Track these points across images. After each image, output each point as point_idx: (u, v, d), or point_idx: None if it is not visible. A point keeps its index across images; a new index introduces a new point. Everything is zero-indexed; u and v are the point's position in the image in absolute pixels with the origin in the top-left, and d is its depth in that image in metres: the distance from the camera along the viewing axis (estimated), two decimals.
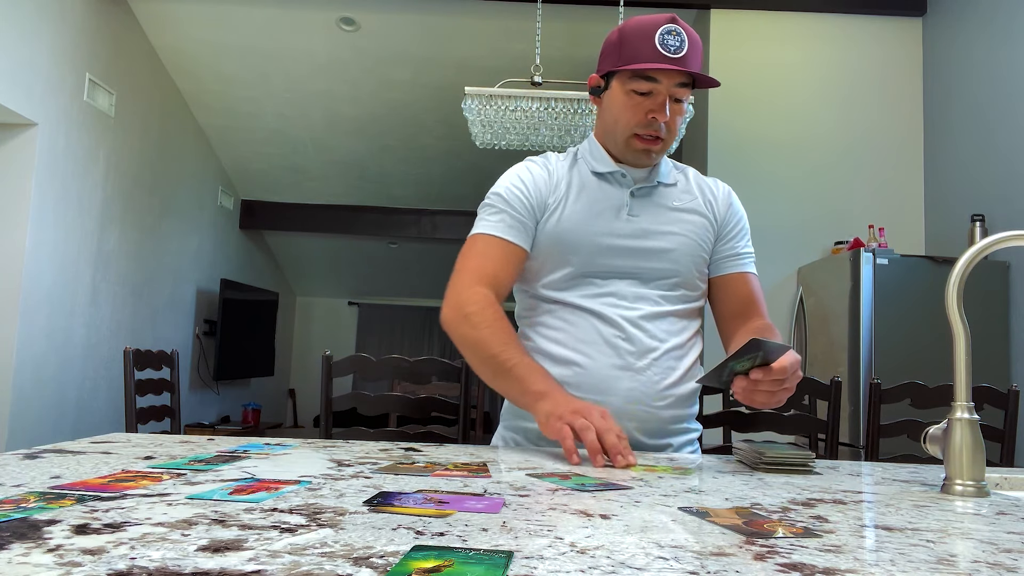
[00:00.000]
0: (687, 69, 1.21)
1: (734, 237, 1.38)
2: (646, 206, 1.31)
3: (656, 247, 1.29)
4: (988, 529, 0.69)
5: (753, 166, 3.93)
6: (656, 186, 1.33)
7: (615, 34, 1.28)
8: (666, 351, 1.27)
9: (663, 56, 1.20)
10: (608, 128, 1.32)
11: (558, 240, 1.29)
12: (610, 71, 1.28)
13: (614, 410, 1.20)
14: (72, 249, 4.01)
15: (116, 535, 0.56)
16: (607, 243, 1.28)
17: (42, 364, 3.80)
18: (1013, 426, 2.07)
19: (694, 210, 1.34)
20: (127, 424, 2.27)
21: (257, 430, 5.77)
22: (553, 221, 1.30)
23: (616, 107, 1.28)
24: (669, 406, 1.26)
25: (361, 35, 4.57)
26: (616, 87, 1.28)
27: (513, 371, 1.17)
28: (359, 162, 5.99)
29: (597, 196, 1.31)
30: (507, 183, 1.33)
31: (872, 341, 3.15)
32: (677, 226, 1.31)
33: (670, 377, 1.26)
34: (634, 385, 1.23)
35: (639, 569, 0.52)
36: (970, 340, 0.95)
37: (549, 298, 1.30)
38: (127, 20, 4.44)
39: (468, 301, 1.23)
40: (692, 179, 1.39)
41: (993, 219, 3.31)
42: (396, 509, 0.68)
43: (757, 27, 4.04)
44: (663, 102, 1.24)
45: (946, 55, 3.79)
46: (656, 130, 1.26)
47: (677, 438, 1.31)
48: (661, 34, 1.21)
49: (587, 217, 1.29)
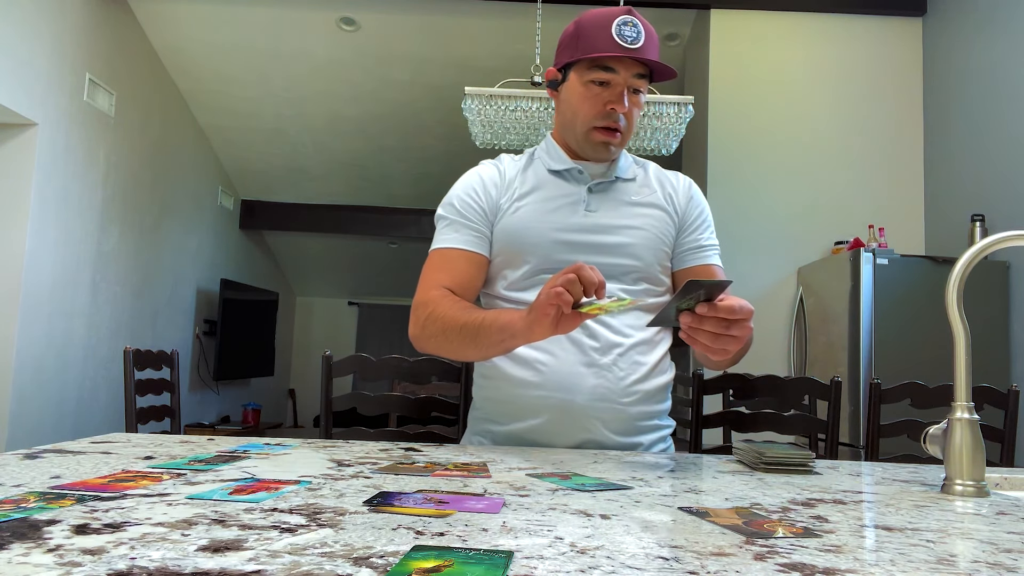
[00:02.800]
0: (644, 57, 1.21)
1: (696, 229, 1.36)
2: (604, 201, 1.30)
3: (615, 242, 1.27)
4: (988, 529, 0.69)
5: (753, 166, 3.93)
6: (614, 181, 1.33)
7: (571, 27, 1.28)
8: (632, 346, 1.25)
9: (620, 46, 1.21)
10: (567, 122, 1.31)
11: (514, 238, 1.27)
12: (568, 63, 1.28)
13: (580, 408, 1.20)
14: (72, 249, 4.01)
15: (116, 535, 0.56)
16: (564, 238, 1.26)
17: (42, 364, 3.80)
18: (1013, 426, 2.07)
19: (654, 204, 1.33)
20: (127, 424, 2.27)
21: (257, 430, 5.77)
22: (508, 220, 1.28)
23: (575, 99, 1.27)
24: (637, 402, 1.24)
25: (361, 35, 4.57)
26: (574, 79, 1.27)
27: (484, 322, 1.14)
28: (359, 162, 5.99)
29: (553, 193, 1.30)
30: (458, 192, 1.32)
31: (872, 341, 3.15)
32: (636, 220, 1.30)
33: (637, 373, 1.24)
34: (599, 382, 1.21)
35: (639, 569, 0.52)
36: (970, 340, 0.95)
37: (511, 299, 1.28)
38: (127, 20, 4.44)
39: (423, 307, 1.23)
40: (652, 173, 1.38)
41: (993, 219, 3.31)
42: (396, 509, 0.68)
43: (757, 27, 4.04)
44: (621, 93, 1.24)
45: (946, 55, 3.79)
46: (615, 121, 1.26)
47: (648, 435, 1.28)
48: (618, 25, 1.21)
49: (543, 213, 1.28)
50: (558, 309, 1.00)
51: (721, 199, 3.89)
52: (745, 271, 3.88)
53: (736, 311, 0.94)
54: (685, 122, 3.04)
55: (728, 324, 0.95)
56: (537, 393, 1.21)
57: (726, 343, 0.97)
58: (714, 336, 0.96)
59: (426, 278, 1.27)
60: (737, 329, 0.96)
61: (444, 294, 1.23)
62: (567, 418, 1.21)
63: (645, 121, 3.01)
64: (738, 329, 0.96)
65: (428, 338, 1.22)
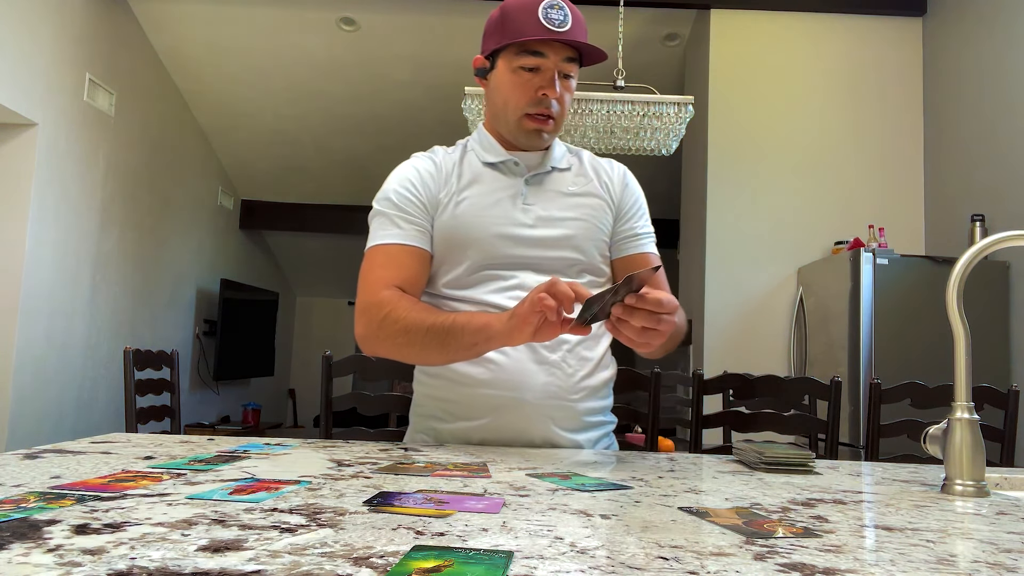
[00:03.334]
0: (573, 40, 1.20)
1: (632, 217, 1.34)
2: (541, 193, 1.29)
3: (556, 235, 1.25)
4: (988, 529, 0.69)
5: (753, 166, 3.93)
6: (550, 171, 1.31)
7: (497, 12, 1.25)
8: (579, 341, 1.24)
9: (548, 30, 1.19)
10: (498, 111, 1.28)
11: (454, 234, 1.24)
12: (495, 50, 1.25)
13: (530, 406, 1.19)
14: (72, 249, 4.01)
15: (116, 535, 0.56)
16: (505, 233, 1.24)
17: (42, 364, 3.80)
18: (1013, 426, 2.07)
19: (590, 193, 1.31)
20: (127, 424, 2.27)
21: (257, 430, 5.77)
22: (447, 216, 1.25)
23: (505, 87, 1.25)
24: (584, 398, 1.24)
25: (361, 35, 4.57)
26: (502, 66, 1.25)
27: (454, 324, 1.12)
28: (359, 162, 5.99)
29: (491, 187, 1.27)
30: (394, 185, 1.27)
31: (872, 341, 3.15)
32: (575, 211, 1.28)
33: (584, 368, 1.24)
34: (550, 379, 1.20)
35: (639, 569, 0.52)
36: (970, 340, 0.95)
37: (455, 297, 1.25)
38: (127, 20, 4.44)
39: (378, 307, 1.17)
40: (587, 162, 1.36)
41: (993, 219, 3.31)
42: (396, 509, 0.68)
43: (757, 27, 4.04)
44: (551, 77, 1.22)
45: (946, 55, 3.79)
46: (547, 107, 1.24)
47: (594, 432, 1.28)
48: (544, 8, 1.19)
49: (482, 208, 1.25)
50: (542, 316, 1.00)
51: (721, 199, 3.89)
52: (745, 271, 3.88)
53: (663, 304, 0.94)
54: (685, 122, 3.04)
55: (657, 318, 0.95)
56: (487, 391, 1.20)
57: (651, 336, 0.96)
58: (640, 329, 0.95)
59: (371, 277, 1.22)
60: (663, 325, 0.95)
61: (399, 295, 1.19)
62: (517, 416, 1.20)
63: (645, 121, 3.01)
64: (664, 324, 0.96)
65: (384, 339, 1.17)
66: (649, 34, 4.52)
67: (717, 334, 3.86)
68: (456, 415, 1.24)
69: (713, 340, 3.86)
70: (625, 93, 3.00)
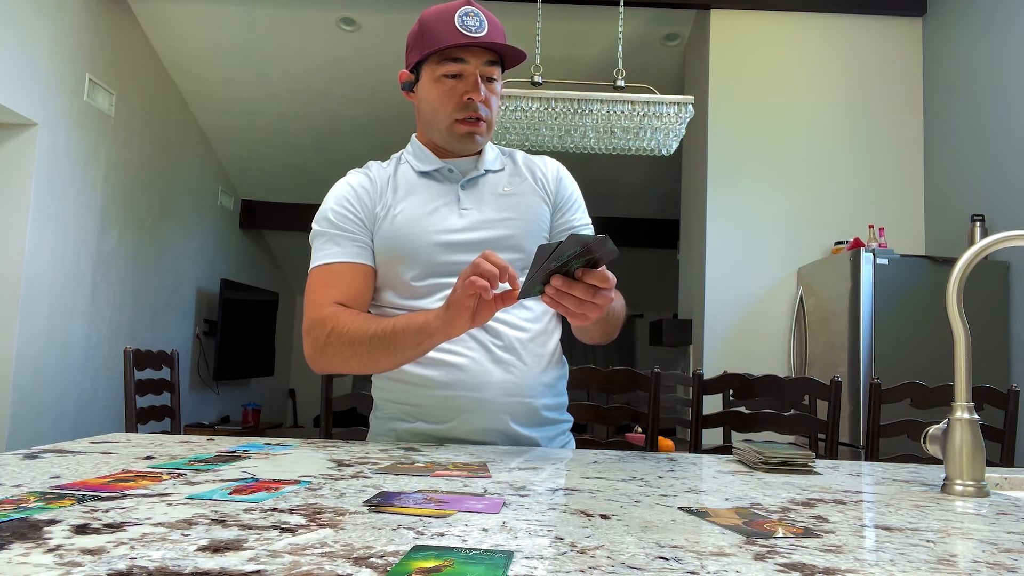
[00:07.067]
0: (489, 41, 1.22)
1: (568, 210, 1.36)
2: (477, 197, 1.30)
3: (496, 236, 1.26)
4: (988, 529, 0.69)
5: (753, 166, 3.93)
6: (484, 174, 1.32)
7: (416, 26, 1.28)
8: (531, 339, 1.26)
9: (465, 36, 1.21)
10: (428, 121, 1.31)
11: (394, 246, 1.25)
12: (418, 63, 1.28)
13: (490, 405, 1.21)
14: (72, 249, 4.01)
15: (116, 535, 0.56)
16: (443, 240, 1.25)
17: (42, 364, 3.80)
18: (1013, 426, 2.07)
19: (527, 191, 1.33)
20: (127, 424, 2.27)
21: (257, 430, 5.77)
22: (385, 228, 1.26)
23: (431, 97, 1.28)
24: (541, 394, 1.26)
25: (361, 35, 4.57)
26: (427, 77, 1.27)
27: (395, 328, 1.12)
28: (359, 162, 5.93)
29: (426, 196, 1.29)
30: (331, 205, 1.29)
31: (872, 341, 3.15)
32: (512, 211, 1.29)
33: (539, 365, 1.26)
34: (507, 377, 1.22)
35: (639, 569, 0.52)
36: (970, 340, 0.95)
37: (404, 307, 1.25)
38: (127, 20, 4.44)
39: (321, 324, 1.18)
40: (521, 161, 1.38)
41: (993, 219, 3.31)
42: (396, 509, 0.68)
43: (757, 27, 4.04)
44: (475, 82, 1.24)
45: (946, 55, 3.79)
46: (474, 111, 1.26)
47: (551, 428, 1.29)
48: (460, 16, 1.22)
49: (419, 217, 1.26)
50: (476, 297, 1.01)
51: (721, 199, 3.89)
52: (745, 271, 3.88)
53: (607, 280, 0.96)
54: (685, 122, 3.04)
55: (595, 291, 0.96)
56: (447, 393, 1.21)
57: (588, 309, 0.98)
58: (578, 301, 0.97)
59: (315, 296, 1.22)
60: (601, 298, 0.97)
61: (340, 309, 1.20)
62: (477, 415, 1.21)
63: (645, 121, 3.01)
64: (601, 298, 0.97)
65: (332, 355, 1.18)
66: (649, 34, 4.52)
67: (717, 334, 3.86)
68: (416, 417, 1.26)
69: (713, 340, 3.86)
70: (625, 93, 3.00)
